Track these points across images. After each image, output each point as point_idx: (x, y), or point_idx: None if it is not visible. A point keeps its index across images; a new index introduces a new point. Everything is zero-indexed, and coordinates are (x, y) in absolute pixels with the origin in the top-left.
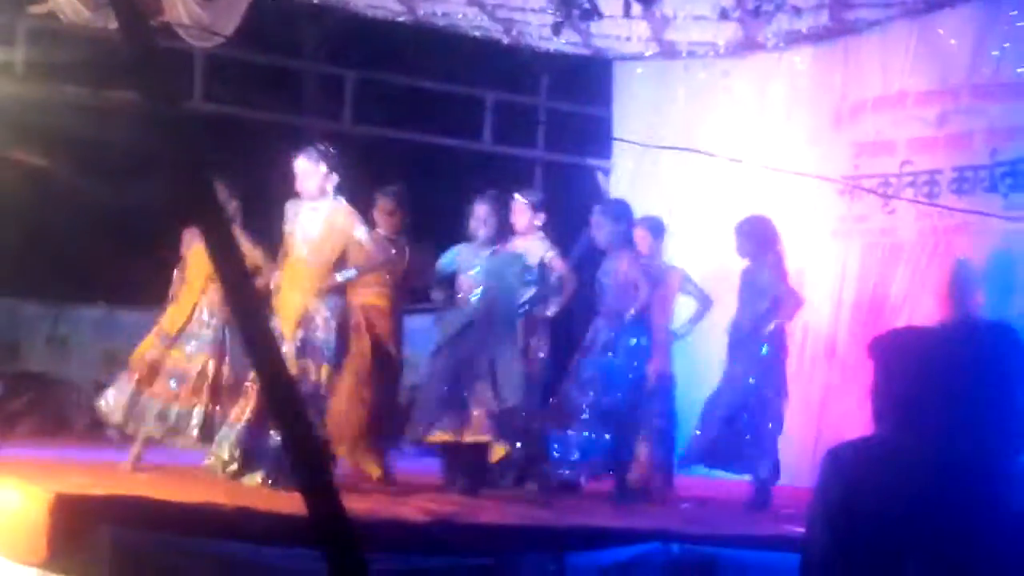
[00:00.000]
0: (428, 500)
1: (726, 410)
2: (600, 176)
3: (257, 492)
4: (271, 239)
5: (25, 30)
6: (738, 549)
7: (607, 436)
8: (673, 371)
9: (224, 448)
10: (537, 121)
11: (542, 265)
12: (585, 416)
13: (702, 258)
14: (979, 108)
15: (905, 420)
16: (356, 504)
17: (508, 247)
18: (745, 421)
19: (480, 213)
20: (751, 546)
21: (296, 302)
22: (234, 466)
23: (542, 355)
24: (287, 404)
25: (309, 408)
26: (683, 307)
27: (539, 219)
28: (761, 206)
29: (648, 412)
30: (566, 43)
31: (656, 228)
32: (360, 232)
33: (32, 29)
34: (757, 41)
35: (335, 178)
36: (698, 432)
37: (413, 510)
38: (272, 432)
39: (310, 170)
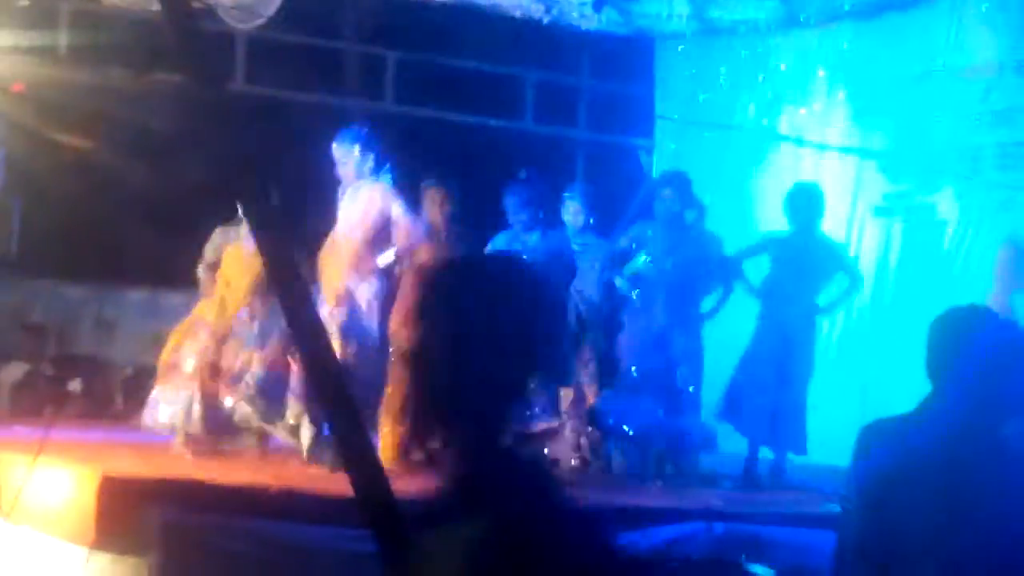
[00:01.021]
0: None
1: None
2: (642, 155)
3: (304, 473)
4: (312, 221)
5: (68, 13)
6: (781, 527)
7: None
8: None
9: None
10: (578, 100)
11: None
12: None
13: (745, 236)
14: (1022, 84)
15: (955, 396)
16: (402, 485)
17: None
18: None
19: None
20: (794, 524)
21: (336, 281)
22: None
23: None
24: (332, 387)
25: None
26: None
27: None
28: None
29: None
30: (607, 22)
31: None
32: (396, 209)
33: (74, 12)
34: (799, 17)
35: (371, 158)
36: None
37: None
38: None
39: (346, 153)
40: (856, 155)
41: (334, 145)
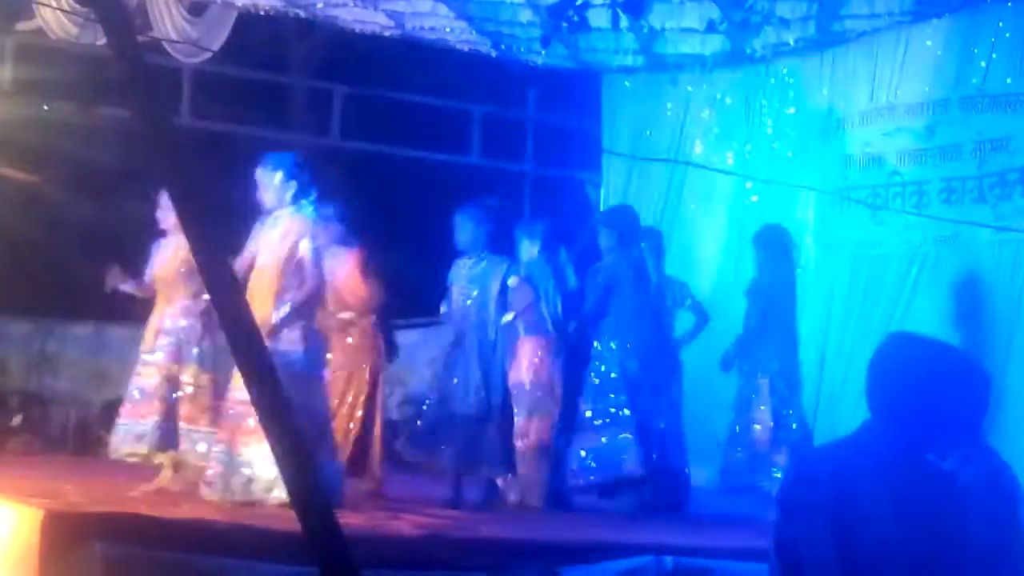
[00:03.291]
0: (421, 515)
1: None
2: (589, 189)
3: (250, 508)
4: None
5: (13, 47)
6: (733, 561)
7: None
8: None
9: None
10: (525, 135)
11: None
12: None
13: (693, 270)
14: (967, 119)
15: (890, 424)
16: (349, 519)
17: (493, 256)
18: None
19: (457, 225)
20: (746, 558)
21: (260, 313)
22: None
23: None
24: (279, 419)
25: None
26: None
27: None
28: (749, 218)
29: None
30: (554, 57)
31: (657, 243)
32: (305, 247)
33: (20, 46)
34: (745, 53)
35: (294, 187)
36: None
37: (407, 525)
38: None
39: (267, 180)
40: (802, 189)
41: (258, 170)
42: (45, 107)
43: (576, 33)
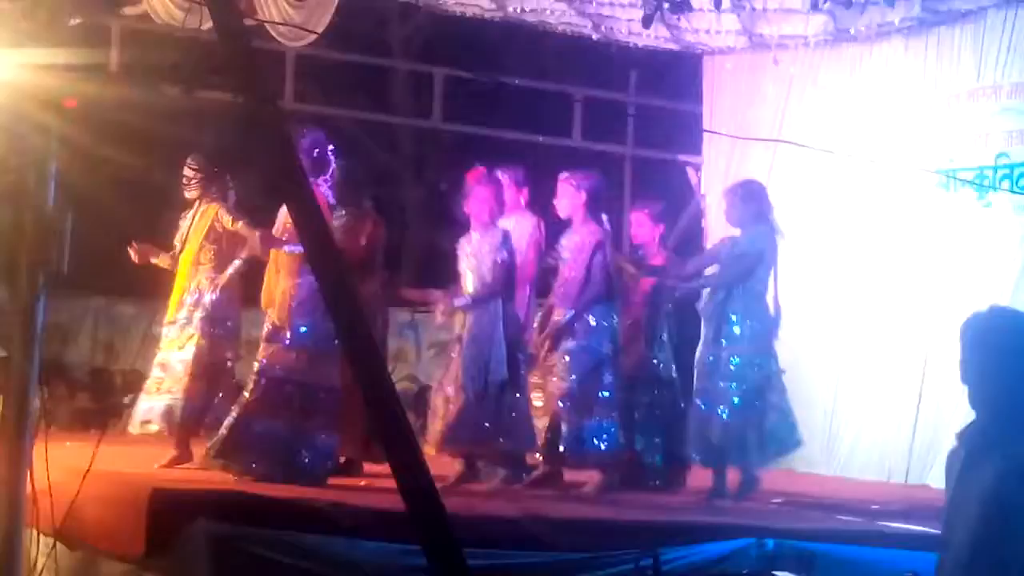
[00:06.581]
0: (521, 496)
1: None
2: (690, 172)
3: (355, 487)
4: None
5: (119, 31)
6: (833, 544)
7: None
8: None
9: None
10: (626, 117)
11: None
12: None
13: (794, 252)
14: None
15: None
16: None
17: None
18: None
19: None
20: (846, 541)
21: (279, 285)
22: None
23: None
24: (384, 402)
25: (291, 396)
26: None
27: (523, 195)
28: (853, 200)
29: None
30: (655, 38)
31: (656, 214)
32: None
33: (126, 30)
34: (848, 33)
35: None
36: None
37: (506, 505)
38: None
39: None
40: (907, 170)
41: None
42: (150, 90)
43: (677, 14)
